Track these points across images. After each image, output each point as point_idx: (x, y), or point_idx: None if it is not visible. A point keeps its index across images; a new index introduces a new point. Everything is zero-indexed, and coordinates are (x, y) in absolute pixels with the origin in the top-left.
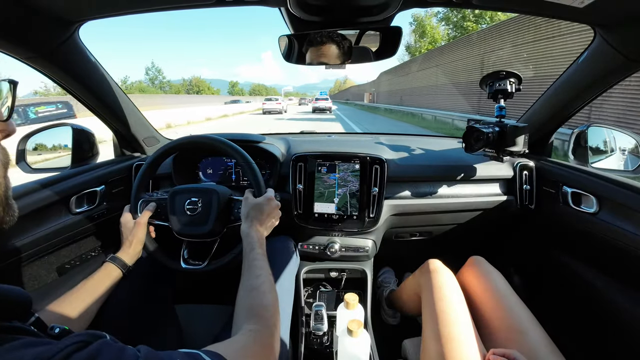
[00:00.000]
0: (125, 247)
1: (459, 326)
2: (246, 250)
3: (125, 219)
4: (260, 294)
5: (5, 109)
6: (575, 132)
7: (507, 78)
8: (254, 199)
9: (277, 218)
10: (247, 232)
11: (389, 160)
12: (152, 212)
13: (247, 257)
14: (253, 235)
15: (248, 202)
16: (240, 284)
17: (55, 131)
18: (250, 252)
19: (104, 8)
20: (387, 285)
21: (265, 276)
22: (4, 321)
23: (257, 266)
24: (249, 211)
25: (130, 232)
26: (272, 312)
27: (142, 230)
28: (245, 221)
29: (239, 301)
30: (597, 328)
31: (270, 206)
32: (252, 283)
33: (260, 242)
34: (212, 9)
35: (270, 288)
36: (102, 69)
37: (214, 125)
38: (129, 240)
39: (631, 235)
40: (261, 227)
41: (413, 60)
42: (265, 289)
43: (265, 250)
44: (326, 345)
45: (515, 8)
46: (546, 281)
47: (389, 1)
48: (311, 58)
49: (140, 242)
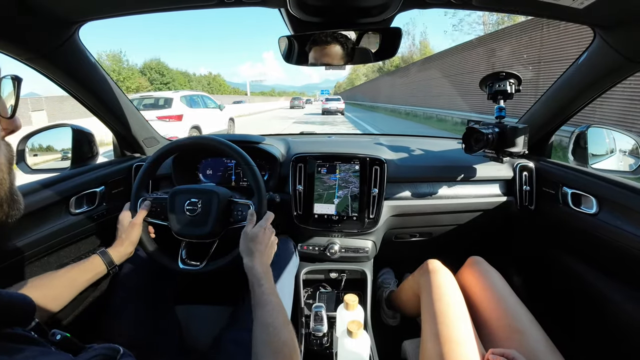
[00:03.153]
0: (117, 244)
1: (458, 326)
2: (253, 286)
3: (123, 216)
4: (276, 330)
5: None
6: (575, 132)
7: (507, 79)
8: (251, 230)
9: (275, 244)
10: (251, 266)
11: (389, 161)
12: (148, 211)
13: (256, 293)
14: (258, 269)
15: (246, 235)
16: (255, 319)
17: (55, 132)
18: (259, 288)
19: (104, 9)
20: (387, 286)
21: (279, 311)
22: (6, 328)
23: (268, 301)
24: (248, 245)
25: (125, 231)
26: (291, 349)
27: (136, 231)
28: (246, 256)
29: (256, 338)
30: (597, 328)
31: (267, 235)
32: (266, 319)
33: (267, 275)
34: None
35: (286, 322)
36: (102, 69)
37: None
38: (121, 239)
39: (631, 236)
40: (264, 259)
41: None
42: (281, 324)
43: (272, 283)
44: (326, 347)
45: (515, 9)
46: (545, 281)
47: (388, 2)
48: (311, 58)
49: (132, 243)
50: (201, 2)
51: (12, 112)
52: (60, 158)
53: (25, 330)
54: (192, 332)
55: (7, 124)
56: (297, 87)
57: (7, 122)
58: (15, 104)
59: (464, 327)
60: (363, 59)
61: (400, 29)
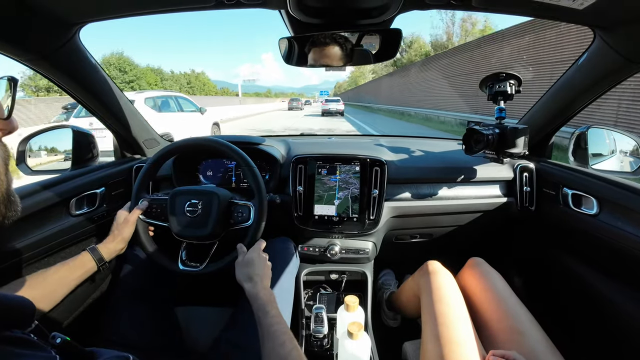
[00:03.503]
0: (108, 240)
1: (458, 328)
2: (259, 316)
3: (120, 213)
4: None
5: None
6: (575, 133)
7: (507, 80)
8: (245, 257)
9: (270, 271)
10: (254, 293)
11: (389, 162)
12: (143, 211)
13: (263, 323)
14: (262, 297)
15: (243, 261)
16: (264, 353)
17: (55, 133)
18: (265, 317)
19: (104, 10)
20: (387, 288)
21: (290, 341)
22: (5, 331)
23: (278, 332)
24: (247, 271)
25: (118, 227)
26: None
27: (129, 229)
28: (246, 282)
29: None
30: (597, 329)
31: (263, 260)
32: (279, 353)
33: (272, 302)
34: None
35: (295, 348)
36: (102, 71)
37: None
38: (113, 235)
39: (632, 237)
40: (265, 282)
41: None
42: (289, 351)
43: (277, 308)
44: (326, 348)
45: (515, 10)
46: (546, 282)
47: (388, 3)
48: (312, 60)
49: (123, 239)
50: (201, 4)
51: (8, 113)
52: (62, 159)
53: (25, 332)
54: (191, 334)
55: (3, 125)
56: (296, 88)
57: (3, 123)
58: (11, 105)
59: (465, 329)
60: (363, 60)
61: (401, 30)
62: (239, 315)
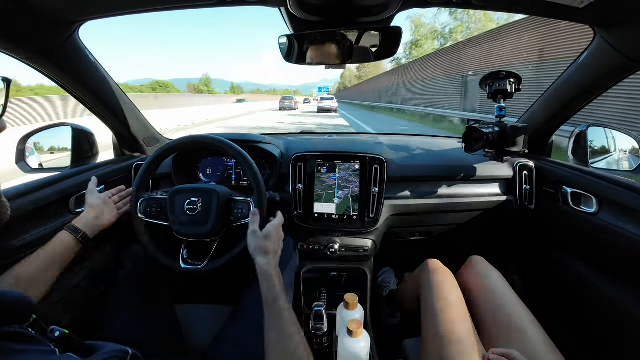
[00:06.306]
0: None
1: (458, 326)
2: (267, 298)
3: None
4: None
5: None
6: (575, 132)
7: (507, 78)
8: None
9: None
10: (266, 271)
11: (389, 160)
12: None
13: (272, 307)
14: (274, 275)
15: (257, 234)
16: (268, 342)
17: (55, 131)
18: (275, 302)
19: (104, 8)
20: (387, 285)
21: (299, 334)
22: (2, 326)
23: (287, 322)
24: (263, 243)
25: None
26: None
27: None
28: (261, 255)
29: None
30: (597, 328)
31: (280, 236)
32: (286, 346)
33: (283, 285)
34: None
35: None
36: (102, 69)
37: None
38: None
39: (631, 236)
40: (277, 260)
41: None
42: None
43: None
44: (326, 346)
45: (515, 8)
46: (546, 281)
47: (389, 1)
48: (311, 58)
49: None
50: (202, 1)
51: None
52: (62, 157)
53: (23, 327)
54: (191, 332)
55: None
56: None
57: None
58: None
59: (464, 327)
60: (363, 57)
61: (401, 28)
62: (239, 313)
